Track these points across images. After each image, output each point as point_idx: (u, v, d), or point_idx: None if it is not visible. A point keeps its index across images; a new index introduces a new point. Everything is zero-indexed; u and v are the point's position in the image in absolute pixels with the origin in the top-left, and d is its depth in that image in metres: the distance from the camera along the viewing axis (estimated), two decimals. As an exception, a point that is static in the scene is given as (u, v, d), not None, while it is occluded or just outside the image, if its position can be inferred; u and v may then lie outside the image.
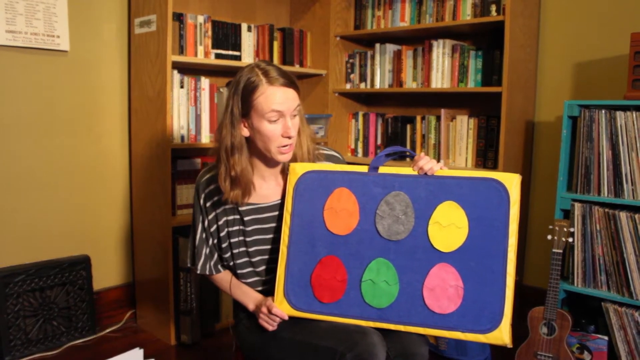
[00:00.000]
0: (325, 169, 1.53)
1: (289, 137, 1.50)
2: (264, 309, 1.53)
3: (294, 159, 1.58)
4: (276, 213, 1.61)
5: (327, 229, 1.49)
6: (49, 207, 2.53)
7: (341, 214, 1.48)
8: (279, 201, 1.61)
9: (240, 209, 1.59)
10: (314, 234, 1.50)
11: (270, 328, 1.53)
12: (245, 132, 1.53)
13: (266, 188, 1.62)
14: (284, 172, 1.62)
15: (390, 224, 1.44)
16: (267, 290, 1.60)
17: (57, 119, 2.52)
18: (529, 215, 2.80)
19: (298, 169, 1.54)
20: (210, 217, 1.62)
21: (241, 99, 1.49)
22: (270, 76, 1.48)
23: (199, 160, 2.73)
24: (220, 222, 1.61)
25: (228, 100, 1.53)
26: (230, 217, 1.60)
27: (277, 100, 1.47)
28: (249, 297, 1.63)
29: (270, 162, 1.58)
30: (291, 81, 1.51)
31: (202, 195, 1.61)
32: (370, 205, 1.47)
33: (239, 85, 1.50)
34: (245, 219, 1.60)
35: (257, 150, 1.56)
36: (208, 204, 1.61)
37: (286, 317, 1.51)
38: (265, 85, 1.47)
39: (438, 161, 2.45)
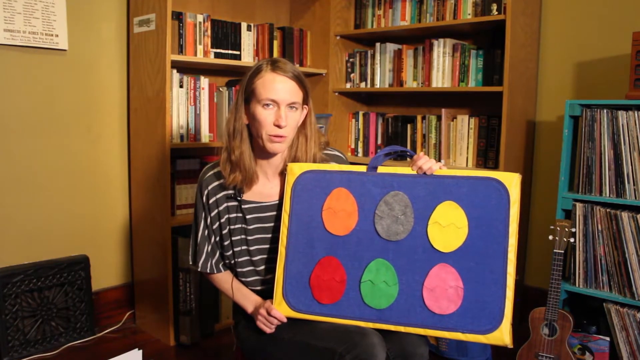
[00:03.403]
0: (323, 168, 1.52)
1: (280, 127, 1.49)
2: (263, 311, 1.52)
3: (282, 151, 1.58)
4: (278, 213, 1.61)
5: (325, 230, 1.48)
6: (47, 207, 2.52)
7: (340, 214, 1.47)
8: (281, 201, 1.60)
9: (242, 207, 1.59)
10: (312, 234, 1.49)
11: (268, 330, 1.52)
12: (245, 120, 1.55)
13: (270, 187, 1.61)
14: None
15: (390, 224, 1.43)
16: (267, 289, 1.59)
17: (55, 118, 2.51)
18: (530, 216, 2.78)
19: (296, 169, 1.53)
20: (212, 214, 1.61)
21: (245, 84, 1.53)
22: (275, 65, 1.51)
23: (198, 160, 2.72)
24: (223, 220, 1.60)
25: (238, 90, 1.57)
26: (233, 215, 1.60)
27: (274, 87, 1.48)
28: (248, 299, 1.62)
29: (267, 154, 1.57)
30: (296, 76, 1.52)
31: (205, 192, 1.61)
32: (369, 206, 1.46)
33: (247, 74, 1.54)
34: (248, 217, 1.59)
35: (257, 144, 1.56)
36: (211, 201, 1.60)
37: (285, 320, 1.50)
38: (268, 71, 1.50)
39: (439, 161, 2.44)
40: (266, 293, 1.59)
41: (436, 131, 2.93)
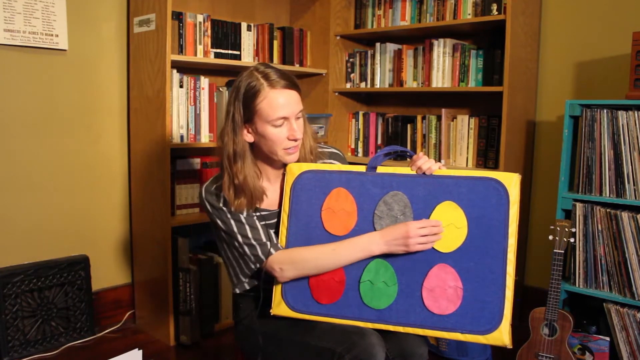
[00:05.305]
0: (322, 168, 1.52)
1: (296, 140, 1.49)
2: (416, 233, 1.38)
3: (297, 159, 1.56)
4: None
5: (325, 230, 1.48)
6: (47, 207, 2.52)
7: (339, 214, 1.47)
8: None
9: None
10: (311, 234, 1.49)
11: (438, 238, 1.39)
12: (249, 138, 1.51)
13: (272, 190, 1.60)
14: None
15: (389, 224, 1.43)
16: (268, 290, 1.57)
17: (55, 118, 2.51)
18: (530, 216, 2.78)
19: (295, 169, 1.53)
20: (244, 213, 1.52)
21: (243, 104, 1.47)
22: (271, 79, 1.46)
23: (198, 160, 2.72)
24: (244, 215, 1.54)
25: (229, 106, 1.50)
26: None
27: (280, 104, 1.45)
28: (359, 242, 1.44)
29: (276, 164, 1.57)
30: (292, 82, 1.49)
31: (219, 204, 1.53)
32: (368, 206, 1.46)
33: (239, 91, 1.48)
34: None
35: (262, 154, 1.54)
36: (225, 208, 1.53)
37: (440, 223, 1.39)
38: (267, 89, 1.45)
39: (439, 161, 2.44)
40: (267, 293, 1.58)
41: (436, 131, 2.93)
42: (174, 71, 2.51)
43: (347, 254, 1.43)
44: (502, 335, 1.33)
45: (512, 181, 1.37)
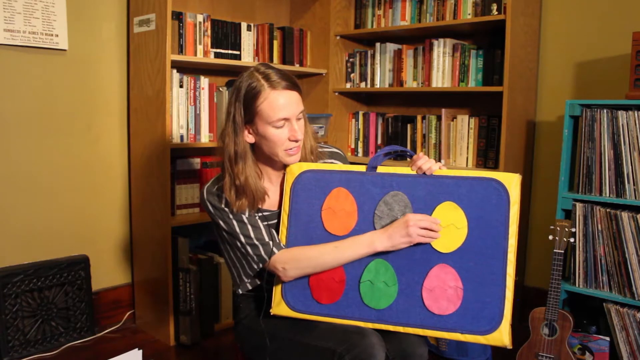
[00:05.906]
0: (322, 168, 1.52)
1: (297, 141, 1.49)
2: (415, 222, 1.38)
3: (298, 160, 1.56)
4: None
5: (325, 230, 1.48)
6: (47, 207, 2.52)
7: (339, 214, 1.47)
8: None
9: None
10: (311, 234, 1.49)
11: (438, 235, 1.40)
12: (250, 139, 1.51)
13: (274, 191, 1.60)
14: None
15: (389, 224, 1.43)
16: (269, 290, 1.57)
17: (55, 118, 2.51)
18: (530, 216, 2.78)
19: (295, 169, 1.53)
20: (246, 214, 1.52)
21: (243, 105, 1.47)
22: (271, 80, 1.45)
23: (198, 160, 2.72)
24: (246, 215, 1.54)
25: (229, 107, 1.50)
26: None
27: (281, 105, 1.44)
28: (362, 239, 1.44)
29: (277, 164, 1.56)
30: (293, 83, 1.49)
31: (221, 205, 1.52)
32: (368, 206, 1.46)
33: (240, 92, 1.47)
34: None
35: (263, 155, 1.54)
36: (227, 209, 1.53)
37: (439, 221, 1.40)
38: (268, 90, 1.45)
39: (439, 161, 2.44)
40: (268, 293, 1.58)
41: (436, 131, 2.93)
42: (174, 71, 2.51)
43: (351, 251, 1.43)
44: (502, 336, 1.33)
45: (512, 181, 1.37)
